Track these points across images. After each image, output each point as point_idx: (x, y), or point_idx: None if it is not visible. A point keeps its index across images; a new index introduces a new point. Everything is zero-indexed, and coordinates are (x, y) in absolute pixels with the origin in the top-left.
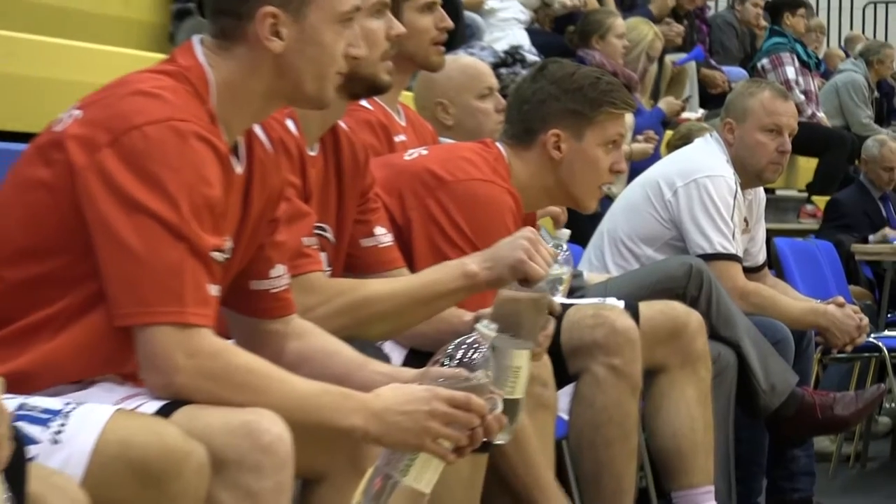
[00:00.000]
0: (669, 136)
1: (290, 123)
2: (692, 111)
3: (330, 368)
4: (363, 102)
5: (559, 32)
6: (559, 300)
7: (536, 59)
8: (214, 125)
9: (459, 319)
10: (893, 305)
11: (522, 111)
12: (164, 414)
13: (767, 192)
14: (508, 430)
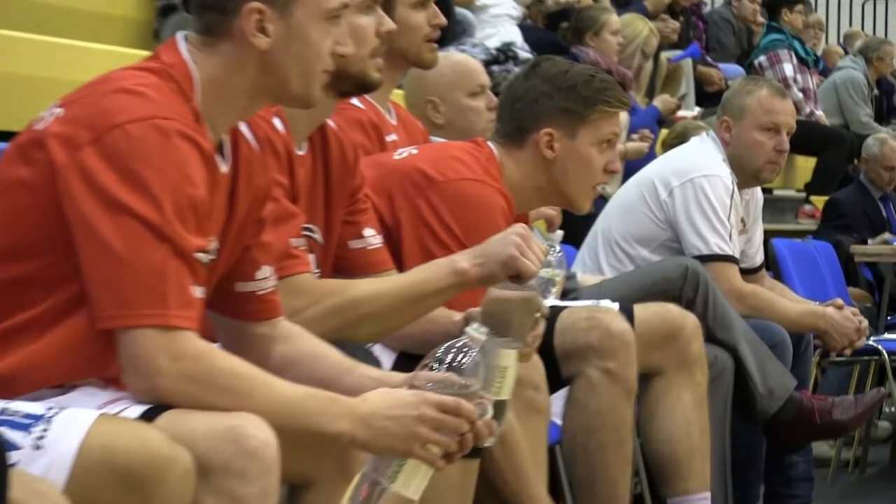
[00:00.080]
0: (665, 134)
1: (277, 122)
2: (688, 109)
3: (317, 372)
4: (354, 101)
5: (552, 29)
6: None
7: (529, 56)
8: (199, 123)
9: (449, 319)
10: (893, 308)
11: (514, 109)
12: (147, 418)
13: (765, 191)
14: (494, 431)
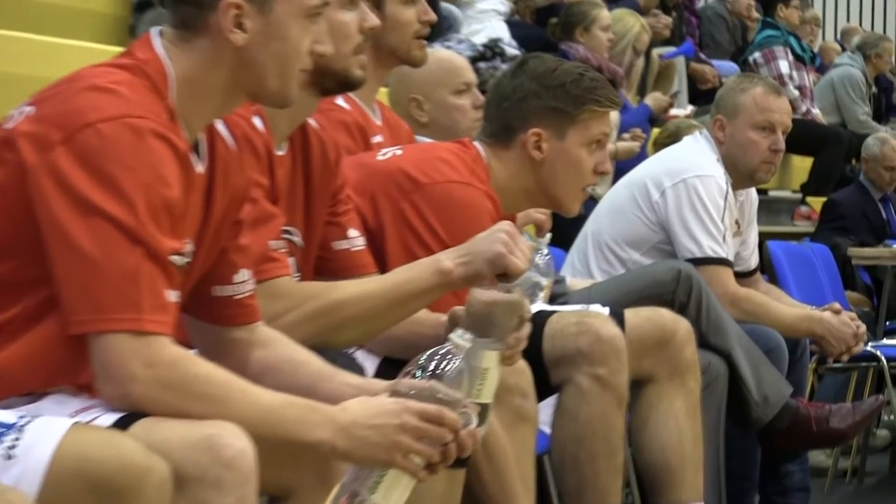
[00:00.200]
0: (657, 133)
1: (257, 121)
2: (681, 108)
3: (296, 379)
4: (340, 102)
5: (541, 25)
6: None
7: (517, 52)
8: (173, 122)
9: (437, 320)
10: (892, 312)
11: (502, 109)
12: (120, 427)
13: (760, 192)
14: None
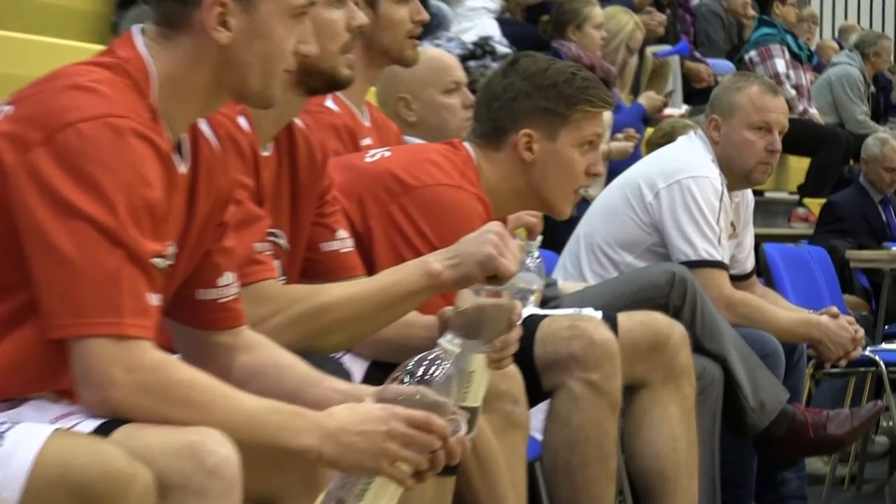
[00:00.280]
0: (650, 133)
1: (242, 120)
2: (675, 107)
3: (282, 384)
4: (329, 104)
5: (532, 22)
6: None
7: (508, 51)
8: (156, 121)
9: (426, 323)
10: (891, 317)
11: (492, 109)
12: (102, 433)
13: (756, 194)
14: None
